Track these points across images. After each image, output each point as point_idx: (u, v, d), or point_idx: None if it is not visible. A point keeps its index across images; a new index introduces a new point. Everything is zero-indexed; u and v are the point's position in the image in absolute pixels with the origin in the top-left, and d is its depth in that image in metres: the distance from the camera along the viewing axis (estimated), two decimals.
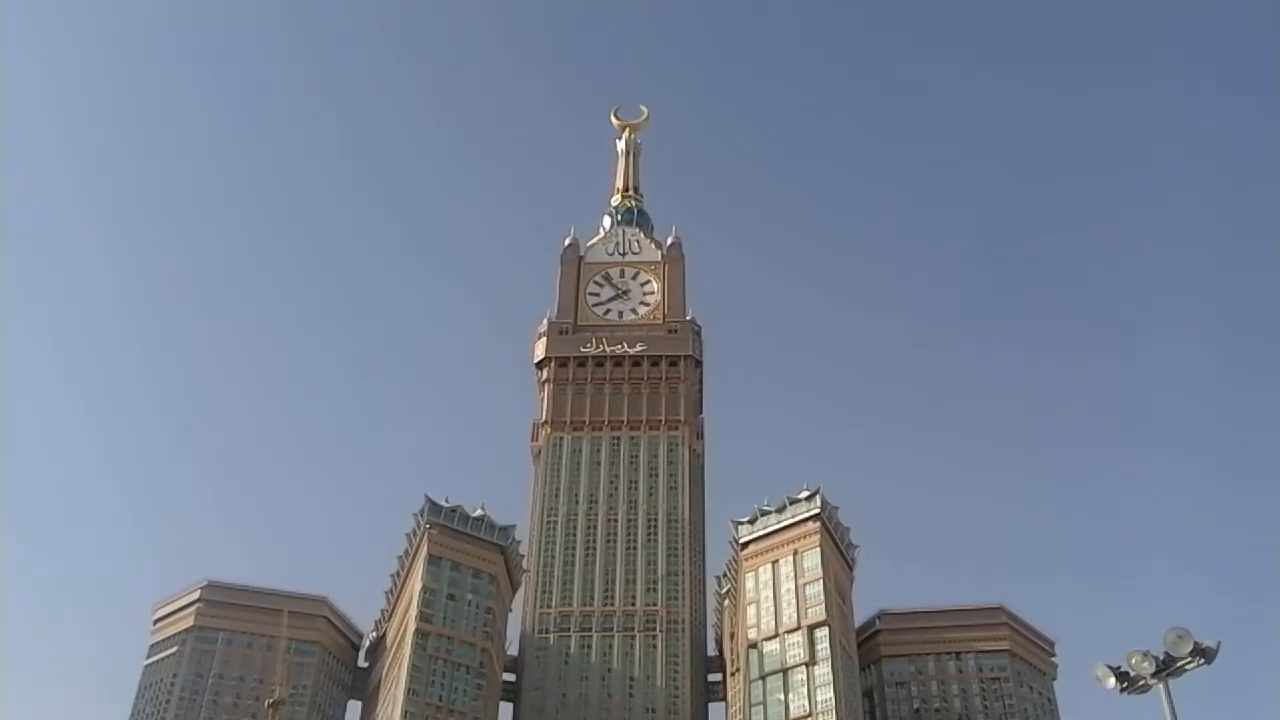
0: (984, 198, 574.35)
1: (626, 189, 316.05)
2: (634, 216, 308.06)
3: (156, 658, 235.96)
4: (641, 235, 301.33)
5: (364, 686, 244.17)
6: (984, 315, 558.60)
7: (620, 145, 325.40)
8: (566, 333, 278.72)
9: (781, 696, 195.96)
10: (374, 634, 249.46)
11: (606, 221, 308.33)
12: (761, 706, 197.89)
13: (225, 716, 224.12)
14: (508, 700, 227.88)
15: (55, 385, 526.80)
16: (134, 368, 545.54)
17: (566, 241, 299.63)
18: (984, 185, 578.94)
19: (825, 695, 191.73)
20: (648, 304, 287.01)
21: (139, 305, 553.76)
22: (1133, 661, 29.77)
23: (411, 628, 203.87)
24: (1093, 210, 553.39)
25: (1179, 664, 29.06)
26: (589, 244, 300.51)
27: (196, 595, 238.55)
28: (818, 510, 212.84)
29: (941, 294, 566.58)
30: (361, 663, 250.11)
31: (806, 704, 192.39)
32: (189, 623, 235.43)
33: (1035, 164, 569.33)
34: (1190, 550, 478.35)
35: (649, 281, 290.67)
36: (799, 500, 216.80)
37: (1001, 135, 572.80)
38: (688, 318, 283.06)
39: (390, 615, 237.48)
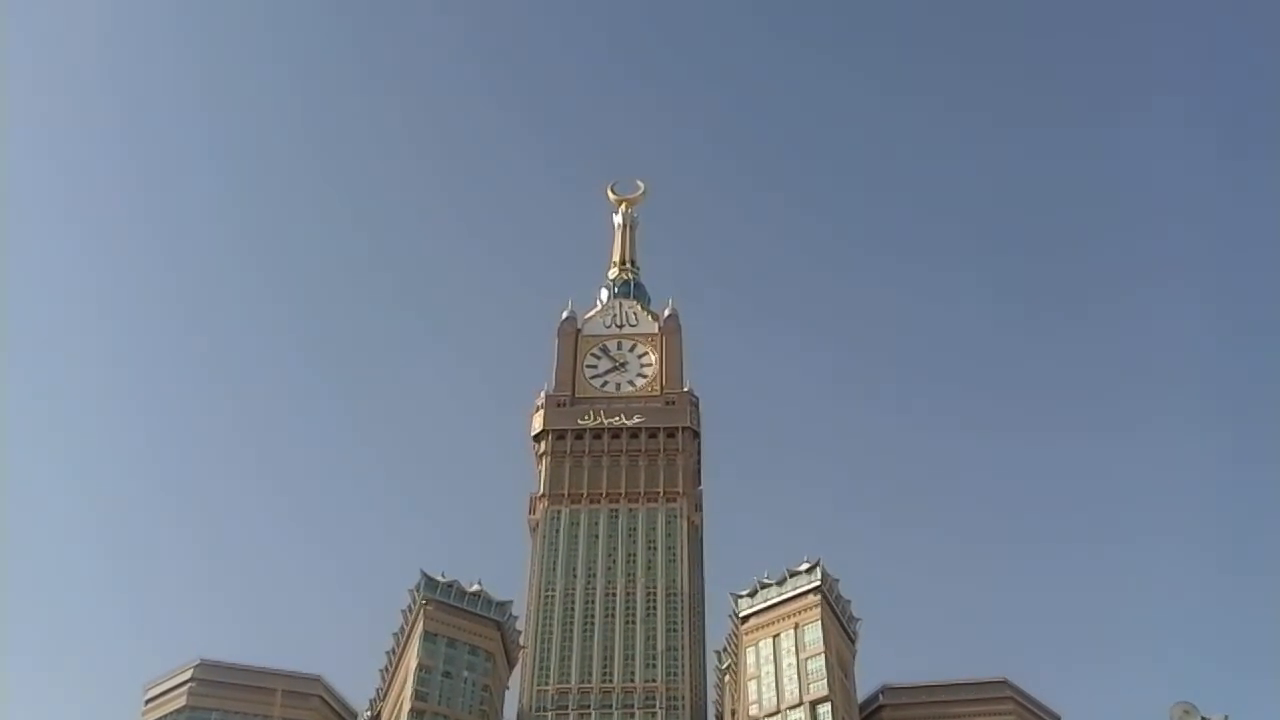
0: (989, 266, 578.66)
1: (623, 262, 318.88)
2: (631, 289, 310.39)
3: None
4: (638, 308, 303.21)
5: None
6: (990, 385, 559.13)
7: (617, 219, 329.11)
8: (564, 405, 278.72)
9: None
10: (369, 713, 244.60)
11: (604, 294, 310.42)
12: None
13: None
14: None
15: (45, 461, 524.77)
16: (125, 440, 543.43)
17: (564, 314, 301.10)
18: (990, 253, 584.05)
19: None
20: (645, 375, 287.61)
21: (128, 378, 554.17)
22: None
23: (407, 706, 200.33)
24: (1106, 280, 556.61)
25: None
26: (586, 317, 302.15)
27: (189, 675, 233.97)
28: (818, 582, 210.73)
29: (946, 363, 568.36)
30: None
31: None
32: (181, 702, 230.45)
33: (1049, 229, 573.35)
34: (1197, 627, 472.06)
35: (646, 353, 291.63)
36: (799, 572, 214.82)
37: (1013, 201, 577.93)
38: (685, 389, 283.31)
39: (385, 694, 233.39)
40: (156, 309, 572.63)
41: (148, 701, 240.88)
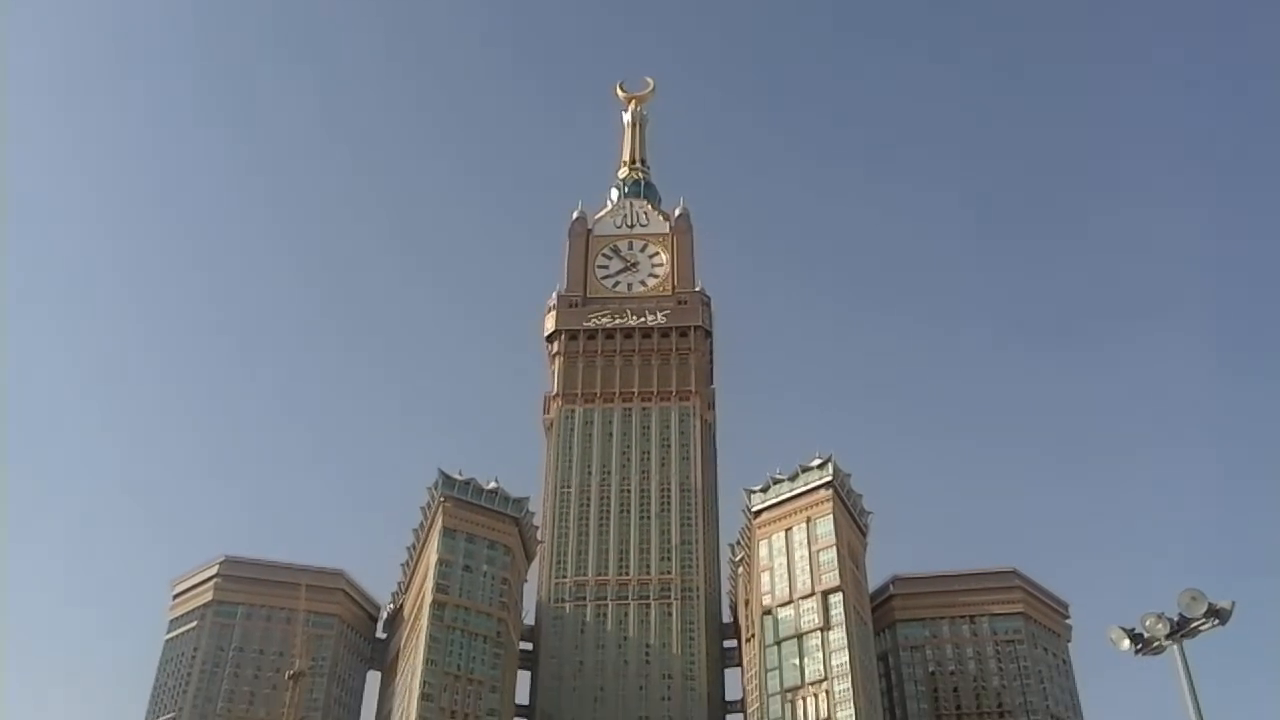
0: (997, 177, 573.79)
1: (633, 161, 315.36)
2: (641, 189, 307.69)
3: (177, 632, 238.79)
4: (649, 207, 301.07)
5: (383, 657, 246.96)
6: (999, 291, 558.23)
7: (626, 118, 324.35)
8: (576, 306, 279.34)
9: (796, 661, 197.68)
10: (391, 606, 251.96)
11: (614, 194, 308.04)
12: (777, 671, 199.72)
13: (246, 688, 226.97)
14: (525, 669, 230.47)
15: (69, 366, 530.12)
16: (148, 349, 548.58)
17: (575, 215, 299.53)
18: (994, 166, 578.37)
19: (840, 660, 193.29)
20: (656, 276, 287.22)
21: (149, 293, 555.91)
22: (1147, 624, 30.22)
23: (428, 599, 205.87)
24: (1093, 196, 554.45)
25: (1193, 625, 29.56)
26: (597, 217, 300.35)
27: (215, 570, 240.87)
28: (830, 478, 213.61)
29: (954, 269, 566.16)
30: (380, 634, 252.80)
31: (821, 668, 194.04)
32: (208, 597, 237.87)
33: (1044, 154, 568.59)
34: (1204, 514, 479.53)
35: (657, 253, 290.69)
36: (811, 468, 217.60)
37: (1014, 120, 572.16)
38: (697, 289, 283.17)
39: (407, 587, 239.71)
40: (168, 225, 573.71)
41: (175, 596, 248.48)
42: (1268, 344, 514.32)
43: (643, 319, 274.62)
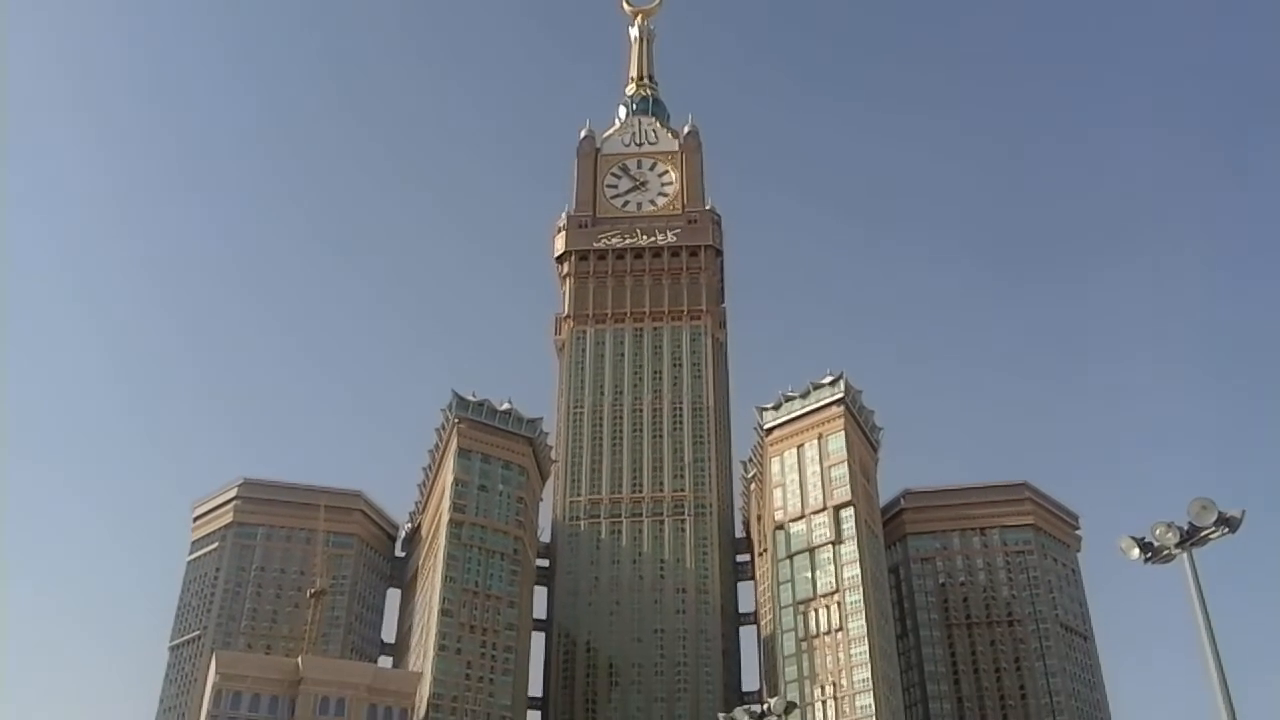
0: (1006, 105, 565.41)
1: (641, 78, 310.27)
2: (649, 106, 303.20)
3: (198, 554, 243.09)
4: (658, 125, 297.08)
5: (402, 575, 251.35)
6: (1008, 210, 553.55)
7: (633, 32, 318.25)
8: (585, 226, 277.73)
9: (809, 574, 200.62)
10: (409, 525, 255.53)
11: (622, 112, 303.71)
12: (789, 584, 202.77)
13: (269, 607, 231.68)
14: (542, 585, 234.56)
15: (75, 298, 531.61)
16: (155, 277, 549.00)
17: (582, 134, 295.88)
18: (1005, 93, 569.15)
19: (851, 572, 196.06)
20: (666, 194, 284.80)
21: (151, 220, 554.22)
22: (1157, 532, 30.57)
23: (445, 518, 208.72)
24: (1095, 116, 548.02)
25: (1203, 533, 29.94)
26: (605, 136, 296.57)
27: (234, 493, 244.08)
28: (841, 394, 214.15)
29: (960, 193, 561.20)
30: (398, 553, 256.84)
31: (833, 581, 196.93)
32: (228, 519, 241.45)
33: (1051, 80, 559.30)
34: (1208, 432, 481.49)
35: (667, 172, 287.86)
36: (823, 385, 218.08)
37: (1023, 46, 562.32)
38: (707, 207, 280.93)
39: (424, 507, 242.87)
40: (177, 170, 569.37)
41: (196, 519, 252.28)
42: (1261, 252, 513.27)
43: (653, 238, 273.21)
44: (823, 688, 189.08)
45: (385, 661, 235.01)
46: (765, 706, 41.23)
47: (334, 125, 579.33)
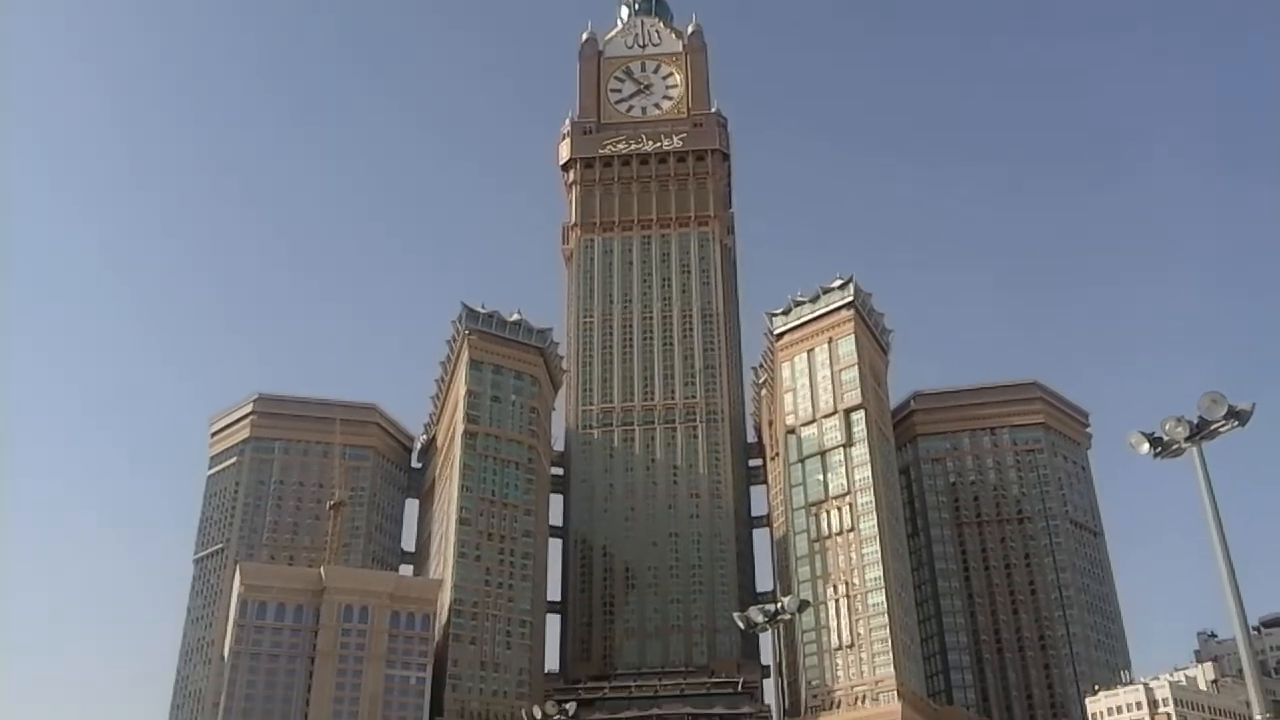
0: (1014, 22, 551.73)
1: None
2: (652, 5, 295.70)
3: (218, 468, 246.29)
4: (661, 25, 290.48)
5: (419, 486, 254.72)
6: (1017, 116, 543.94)
7: None
8: (590, 132, 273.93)
9: (820, 477, 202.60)
10: (424, 437, 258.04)
11: (624, 12, 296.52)
12: (801, 487, 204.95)
13: (289, 519, 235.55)
14: (557, 492, 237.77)
15: (83, 220, 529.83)
16: (162, 199, 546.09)
17: (584, 36, 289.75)
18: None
19: (863, 474, 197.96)
20: (671, 98, 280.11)
21: (155, 144, 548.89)
22: (1166, 427, 30.57)
23: (460, 429, 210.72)
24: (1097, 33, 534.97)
25: (1213, 427, 29.93)
26: (607, 38, 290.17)
27: (250, 408, 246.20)
28: (851, 298, 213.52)
29: (969, 93, 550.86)
30: (415, 464, 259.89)
31: (845, 483, 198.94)
32: (245, 434, 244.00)
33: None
34: (1218, 328, 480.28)
35: (671, 74, 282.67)
36: (832, 289, 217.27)
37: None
38: (712, 110, 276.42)
39: (438, 419, 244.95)
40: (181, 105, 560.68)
41: (214, 434, 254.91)
42: (1265, 155, 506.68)
43: (658, 144, 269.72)
44: (835, 586, 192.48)
45: (406, 570, 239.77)
46: (779, 605, 42.00)
47: (334, 43, 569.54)
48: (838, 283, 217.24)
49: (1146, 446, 31.06)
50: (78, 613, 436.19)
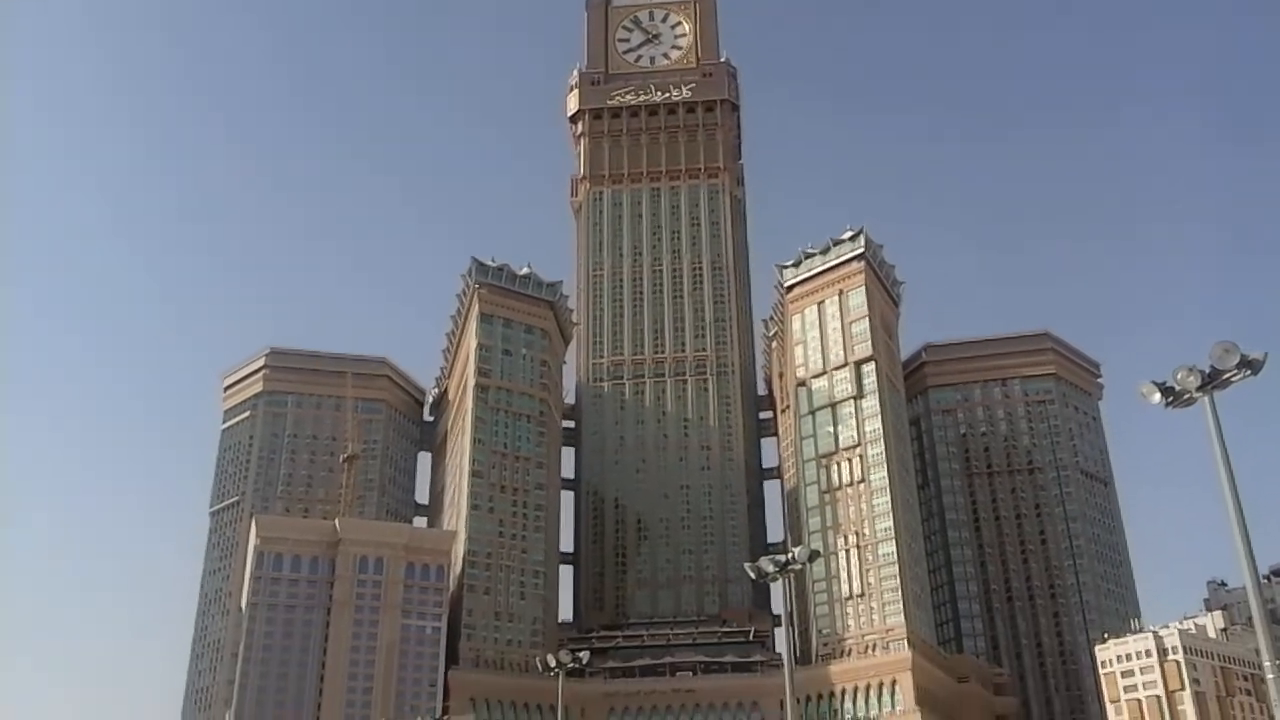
0: None
1: None
2: None
3: (231, 422, 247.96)
4: None
5: (431, 439, 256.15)
6: (1030, 66, 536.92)
7: None
8: (598, 83, 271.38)
9: (831, 429, 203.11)
10: (435, 390, 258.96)
11: None
12: (812, 439, 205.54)
13: (304, 472, 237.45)
14: (569, 445, 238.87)
15: (94, 174, 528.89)
16: (166, 156, 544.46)
17: None
18: None
19: (873, 426, 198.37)
20: (680, 47, 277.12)
21: (170, 111, 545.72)
22: (1179, 376, 30.53)
23: (471, 383, 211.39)
24: None
25: (1225, 376, 29.89)
26: None
27: (262, 362, 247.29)
28: (862, 250, 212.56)
29: (983, 44, 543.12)
30: (427, 417, 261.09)
31: (855, 434, 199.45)
32: (258, 388, 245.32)
33: None
34: (1236, 274, 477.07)
35: (680, 23, 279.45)
36: (843, 241, 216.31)
37: None
38: (722, 59, 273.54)
39: (449, 372, 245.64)
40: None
41: (227, 388, 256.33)
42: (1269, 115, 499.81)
43: (667, 94, 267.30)
44: (845, 537, 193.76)
45: (420, 522, 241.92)
46: (790, 556, 42.27)
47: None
48: (848, 234, 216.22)
49: (1158, 396, 31.06)
50: (98, 566, 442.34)
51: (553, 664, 60.42)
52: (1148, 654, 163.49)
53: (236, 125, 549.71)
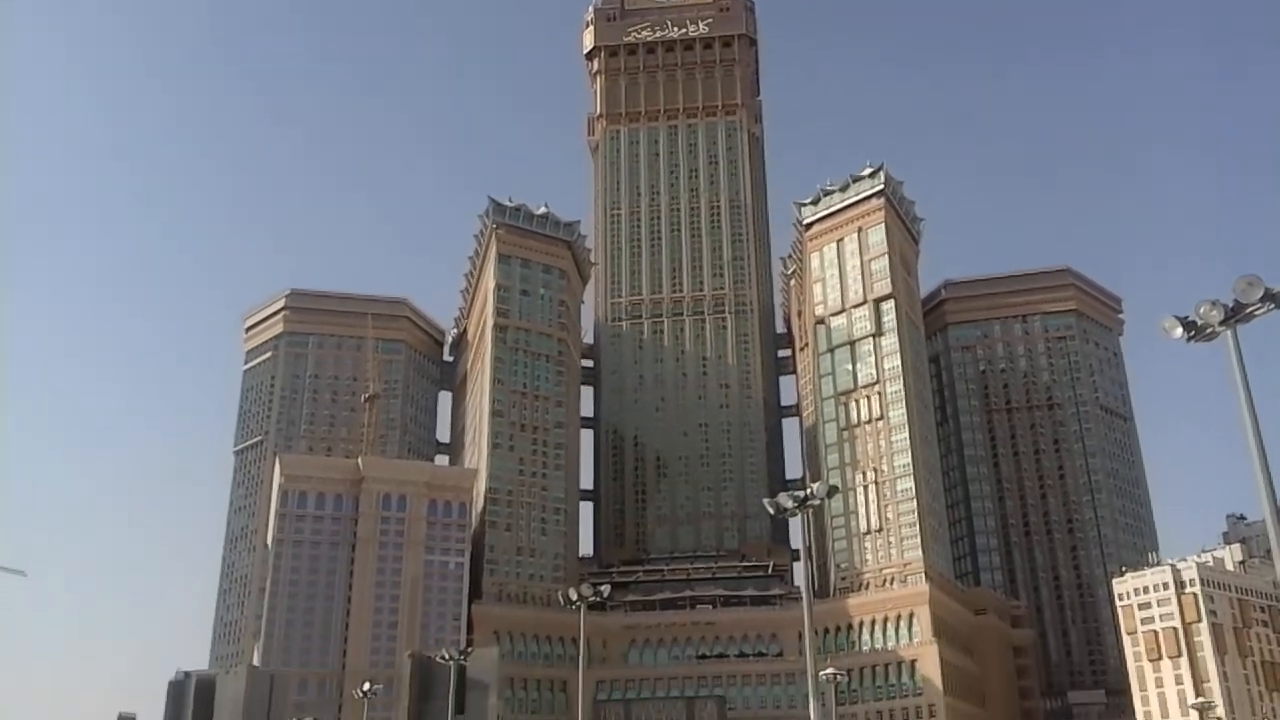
0: None
1: None
2: None
3: (253, 363, 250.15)
4: None
5: (452, 378, 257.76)
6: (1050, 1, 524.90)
7: None
8: (614, 19, 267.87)
9: (849, 367, 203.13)
10: (455, 331, 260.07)
11: None
12: (830, 377, 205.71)
13: (326, 412, 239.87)
14: (588, 384, 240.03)
15: (106, 123, 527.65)
16: (180, 103, 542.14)
17: None
18: None
19: (892, 363, 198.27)
20: None
21: (184, 56, 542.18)
22: (1201, 310, 30.41)
23: (490, 323, 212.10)
24: None
25: (1248, 310, 29.76)
26: None
27: (282, 303, 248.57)
28: (881, 186, 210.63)
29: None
30: (446, 357, 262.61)
31: (874, 372, 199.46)
32: (279, 329, 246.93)
33: None
34: (1260, 208, 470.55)
35: None
36: (862, 178, 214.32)
37: None
38: None
39: (468, 313, 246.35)
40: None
41: (248, 329, 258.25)
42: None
43: (684, 29, 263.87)
44: (864, 473, 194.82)
45: (441, 460, 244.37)
46: (809, 491, 42.65)
47: None
48: (868, 171, 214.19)
49: (1180, 330, 30.96)
50: (127, 503, 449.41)
51: (574, 598, 61.31)
52: (1165, 587, 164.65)
53: (254, 68, 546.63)
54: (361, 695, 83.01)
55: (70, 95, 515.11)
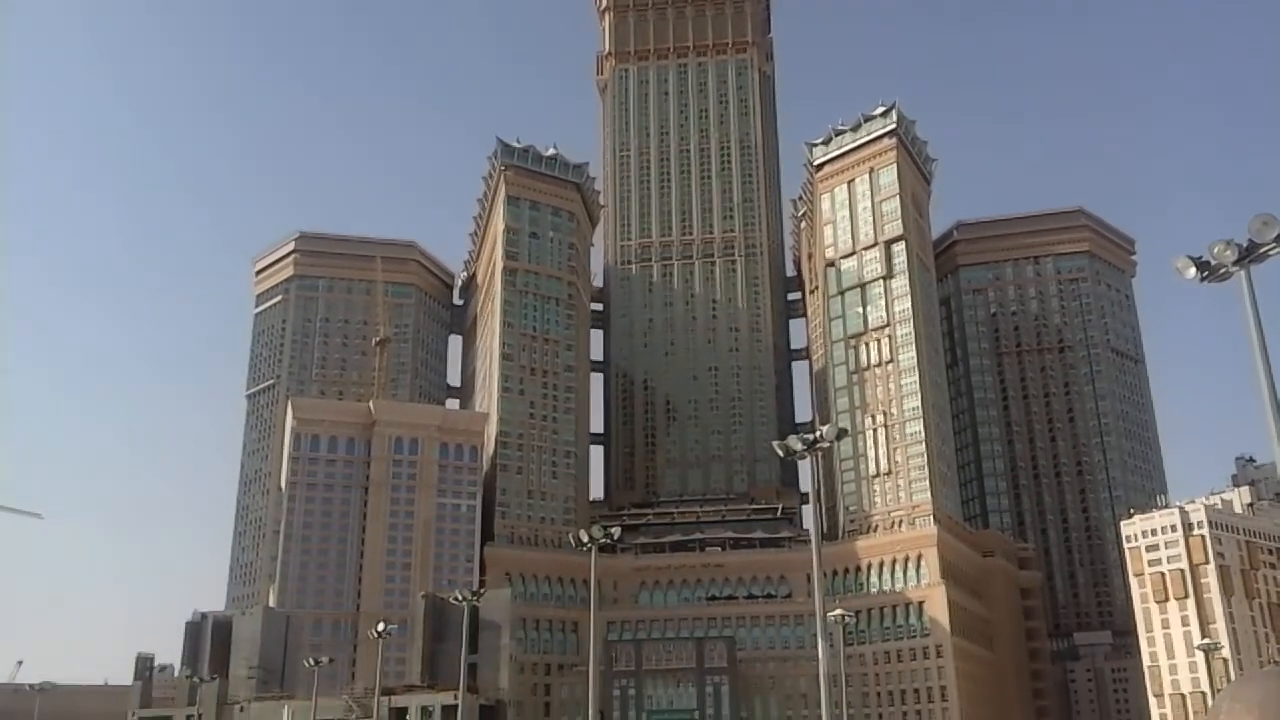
0: None
1: None
2: None
3: (263, 307, 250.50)
4: None
5: (461, 322, 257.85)
6: None
7: None
8: None
9: (860, 310, 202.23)
10: (465, 274, 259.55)
11: None
12: (840, 320, 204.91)
13: (337, 355, 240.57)
14: (598, 328, 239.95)
15: (116, 76, 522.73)
16: (197, 49, 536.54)
17: None
18: None
19: (902, 306, 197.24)
20: None
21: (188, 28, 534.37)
22: (1215, 250, 30.03)
23: (499, 266, 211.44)
24: None
25: (1263, 249, 29.35)
26: None
27: (291, 247, 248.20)
28: (893, 126, 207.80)
29: None
30: (456, 301, 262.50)
31: (884, 315, 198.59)
32: (289, 273, 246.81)
33: None
34: (1275, 149, 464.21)
35: None
36: (874, 117, 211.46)
37: None
38: None
39: (478, 256, 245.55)
40: None
41: (258, 273, 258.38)
42: None
43: None
44: (873, 416, 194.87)
45: (452, 404, 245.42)
46: (818, 434, 42.53)
47: None
48: (880, 110, 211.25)
49: (1193, 270, 30.60)
50: (144, 448, 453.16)
51: (585, 539, 61.64)
52: (1173, 529, 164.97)
53: (262, 15, 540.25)
54: (376, 635, 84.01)
55: (80, 44, 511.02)
